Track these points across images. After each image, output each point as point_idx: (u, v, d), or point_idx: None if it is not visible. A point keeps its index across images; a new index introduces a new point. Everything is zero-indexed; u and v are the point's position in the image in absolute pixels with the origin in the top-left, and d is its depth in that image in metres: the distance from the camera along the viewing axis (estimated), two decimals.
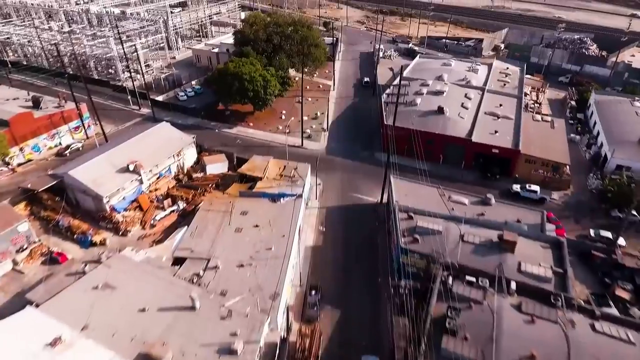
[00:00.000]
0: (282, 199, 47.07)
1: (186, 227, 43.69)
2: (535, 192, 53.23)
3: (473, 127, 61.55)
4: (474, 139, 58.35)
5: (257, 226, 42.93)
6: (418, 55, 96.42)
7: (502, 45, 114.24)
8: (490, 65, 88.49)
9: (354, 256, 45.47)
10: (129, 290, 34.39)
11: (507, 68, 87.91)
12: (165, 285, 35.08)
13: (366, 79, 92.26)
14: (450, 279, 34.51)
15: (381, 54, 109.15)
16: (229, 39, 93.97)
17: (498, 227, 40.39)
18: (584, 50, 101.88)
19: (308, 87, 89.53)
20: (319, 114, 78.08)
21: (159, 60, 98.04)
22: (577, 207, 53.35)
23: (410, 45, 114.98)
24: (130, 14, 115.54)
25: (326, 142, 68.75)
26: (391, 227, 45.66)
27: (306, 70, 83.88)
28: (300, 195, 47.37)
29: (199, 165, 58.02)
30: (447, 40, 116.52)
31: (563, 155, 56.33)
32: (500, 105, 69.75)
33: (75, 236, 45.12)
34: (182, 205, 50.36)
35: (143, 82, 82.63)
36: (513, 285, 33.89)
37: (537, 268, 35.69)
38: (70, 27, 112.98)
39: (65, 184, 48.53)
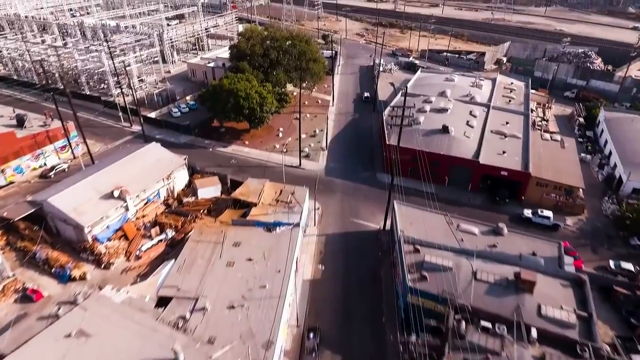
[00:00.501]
0: (278, 228, 43.72)
1: (173, 260, 40.23)
2: (548, 218, 49.96)
3: (480, 147, 58.50)
4: (482, 160, 55.24)
5: (250, 259, 39.49)
6: (419, 70, 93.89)
7: (505, 59, 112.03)
8: (494, 80, 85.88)
9: (356, 292, 41.92)
10: (106, 339, 30.79)
11: (512, 83, 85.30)
12: (146, 333, 31.50)
13: (366, 94, 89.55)
14: (464, 324, 31.09)
15: (381, 68, 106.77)
16: (225, 52, 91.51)
17: (513, 262, 37.04)
18: (588, 65, 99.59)
19: (306, 102, 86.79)
20: (317, 131, 75.09)
21: (153, 75, 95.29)
22: (593, 235, 50.04)
23: (410, 58, 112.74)
24: (125, 27, 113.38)
25: (325, 162, 65.57)
26: (396, 259, 42.27)
27: (304, 85, 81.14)
28: (298, 224, 44.02)
29: (191, 188, 54.68)
30: (448, 54, 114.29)
31: (576, 178, 53.20)
32: (507, 123, 66.87)
33: (53, 270, 41.56)
34: (170, 233, 46.92)
35: (135, 98, 79.78)
36: (534, 332, 30.51)
37: (559, 312, 32.24)
38: (64, 40, 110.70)
39: (45, 211, 45.12)
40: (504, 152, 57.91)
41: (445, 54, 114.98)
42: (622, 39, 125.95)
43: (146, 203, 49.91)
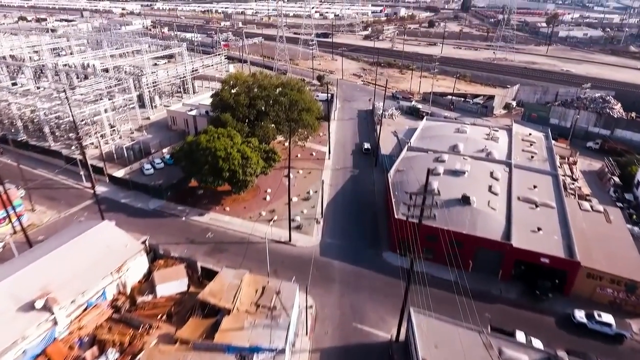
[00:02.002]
0: (255, 356, 32.04)
1: None
2: (610, 325, 38.60)
3: (509, 222, 47.82)
4: (515, 243, 44.38)
5: None
6: (425, 118, 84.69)
7: (514, 103, 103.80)
8: (509, 131, 76.60)
9: None
10: None
11: (530, 134, 75.92)
12: None
13: (366, 146, 79.75)
14: None
15: (380, 112, 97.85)
16: (208, 99, 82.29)
17: None
18: (608, 110, 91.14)
19: (299, 155, 76.79)
20: (311, 192, 64.48)
21: (128, 123, 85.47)
22: None
23: (412, 102, 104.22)
24: (104, 69, 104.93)
25: (320, 236, 54.41)
26: None
27: (296, 139, 71.28)
28: (283, 350, 32.39)
29: (149, 282, 43.10)
30: (453, 97, 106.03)
31: (638, 269, 42.27)
32: (535, 187, 56.61)
33: None
34: (113, 356, 34.96)
35: (101, 153, 69.52)
36: None
37: None
38: (37, 83, 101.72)
39: None
40: (539, 229, 47.19)
41: (450, 97, 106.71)
42: (636, 81, 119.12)
43: (85, 309, 38.15)
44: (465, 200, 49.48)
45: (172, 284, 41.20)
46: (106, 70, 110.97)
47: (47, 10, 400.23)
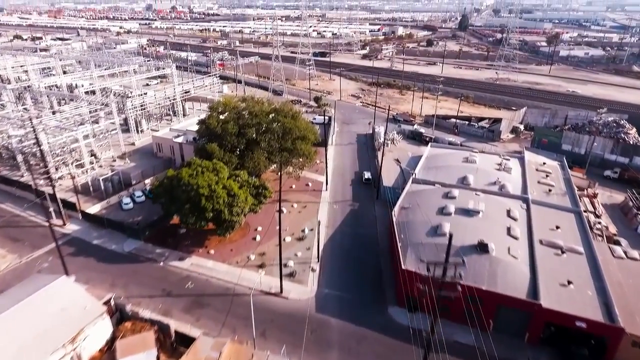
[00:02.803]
0: None
1: None
2: None
3: (534, 275, 41.34)
4: (545, 303, 37.83)
5: None
6: (429, 144, 78.90)
7: (522, 127, 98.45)
8: (521, 159, 70.82)
9: None
10: None
11: (544, 163, 70.09)
12: None
13: (367, 175, 73.67)
14: None
15: (382, 138, 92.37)
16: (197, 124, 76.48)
17: None
18: (622, 135, 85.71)
19: (293, 186, 70.63)
20: (307, 231, 58.00)
21: (110, 150, 79.37)
22: None
23: (415, 126, 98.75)
24: (90, 91, 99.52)
25: (316, 286, 47.71)
26: None
27: (290, 170, 65.21)
28: None
29: (111, 352, 36.22)
30: (457, 121, 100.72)
31: None
32: (557, 227, 50.36)
33: None
34: None
35: (75, 185, 63.21)
36: None
37: None
38: (18, 106, 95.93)
39: None
40: (569, 283, 40.73)
41: (454, 120, 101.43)
42: None
43: None
44: (482, 248, 43.09)
45: (137, 357, 34.32)
46: (93, 92, 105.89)
47: (44, 29, 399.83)
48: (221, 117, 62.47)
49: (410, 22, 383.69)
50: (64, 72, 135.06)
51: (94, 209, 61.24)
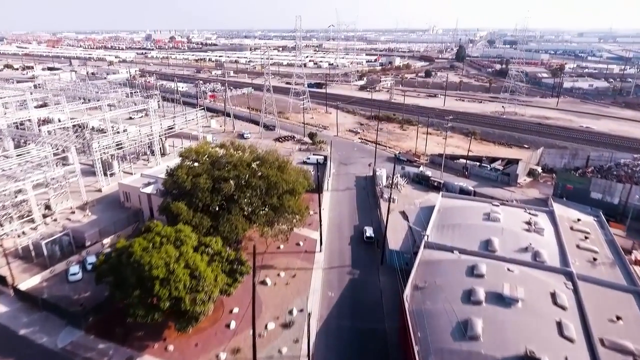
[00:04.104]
0: None
1: None
2: None
3: None
4: None
5: None
6: (440, 194, 68.06)
7: (539, 169, 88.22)
8: (550, 214, 60.02)
9: None
10: None
11: (579, 220, 59.19)
12: None
13: (369, 233, 62.43)
14: None
15: (384, 182, 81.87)
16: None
17: None
18: None
19: (281, 246, 59.19)
20: (295, 312, 46.15)
21: (69, 200, 68.13)
22: None
23: (420, 168, 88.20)
24: (62, 128, 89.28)
25: None
26: None
27: (275, 230, 53.86)
28: None
29: None
30: (467, 162, 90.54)
31: None
32: (618, 318, 38.86)
33: None
34: None
35: (4, 252, 51.51)
36: None
37: None
38: None
39: None
40: None
41: (463, 161, 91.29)
42: None
43: None
44: None
45: None
46: (65, 129, 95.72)
47: (39, 58, 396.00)
48: (196, 164, 51.65)
49: (407, 53, 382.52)
50: (43, 105, 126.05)
51: (30, 282, 49.32)
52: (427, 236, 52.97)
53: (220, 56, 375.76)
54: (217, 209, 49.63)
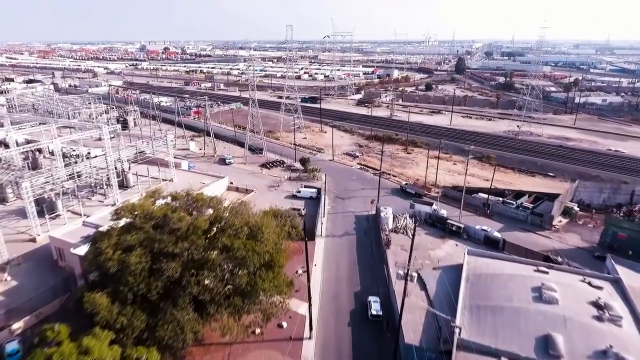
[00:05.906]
0: None
1: None
2: None
3: None
4: None
5: None
6: (465, 250, 52.66)
7: (576, 207, 73.30)
8: (616, 283, 44.95)
9: None
10: None
11: None
12: None
13: (375, 308, 46.76)
14: None
15: (390, 225, 66.76)
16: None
17: None
18: None
19: (257, 330, 43.35)
20: None
21: None
22: None
23: (434, 206, 72.78)
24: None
25: None
26: None
27: (238, 329, 38.03)
28: None
29: None
30: (489, 197, 75.62)
31: None
32: None
33: None
34: None
35: None
36: None
37: None
38: None
39: None
40: None
41: (483, 196, 76.39)
42: None
43: None
44: None
45: None
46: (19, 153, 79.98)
47: (25, 69, 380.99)
48: (130, 236, 35.89)
49: (404, 65, 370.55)
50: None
51: None
52: (460, 329, 37.53)
53: (212, 68, 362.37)
54: (157, 299, 33.94)
